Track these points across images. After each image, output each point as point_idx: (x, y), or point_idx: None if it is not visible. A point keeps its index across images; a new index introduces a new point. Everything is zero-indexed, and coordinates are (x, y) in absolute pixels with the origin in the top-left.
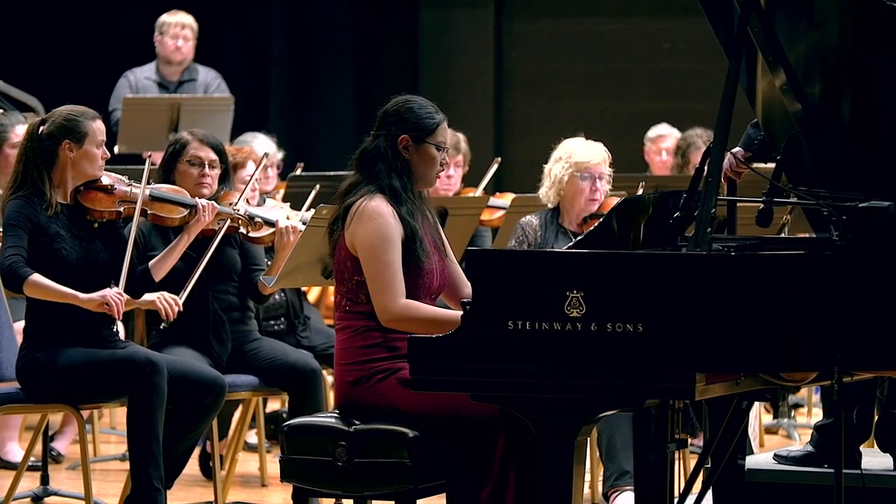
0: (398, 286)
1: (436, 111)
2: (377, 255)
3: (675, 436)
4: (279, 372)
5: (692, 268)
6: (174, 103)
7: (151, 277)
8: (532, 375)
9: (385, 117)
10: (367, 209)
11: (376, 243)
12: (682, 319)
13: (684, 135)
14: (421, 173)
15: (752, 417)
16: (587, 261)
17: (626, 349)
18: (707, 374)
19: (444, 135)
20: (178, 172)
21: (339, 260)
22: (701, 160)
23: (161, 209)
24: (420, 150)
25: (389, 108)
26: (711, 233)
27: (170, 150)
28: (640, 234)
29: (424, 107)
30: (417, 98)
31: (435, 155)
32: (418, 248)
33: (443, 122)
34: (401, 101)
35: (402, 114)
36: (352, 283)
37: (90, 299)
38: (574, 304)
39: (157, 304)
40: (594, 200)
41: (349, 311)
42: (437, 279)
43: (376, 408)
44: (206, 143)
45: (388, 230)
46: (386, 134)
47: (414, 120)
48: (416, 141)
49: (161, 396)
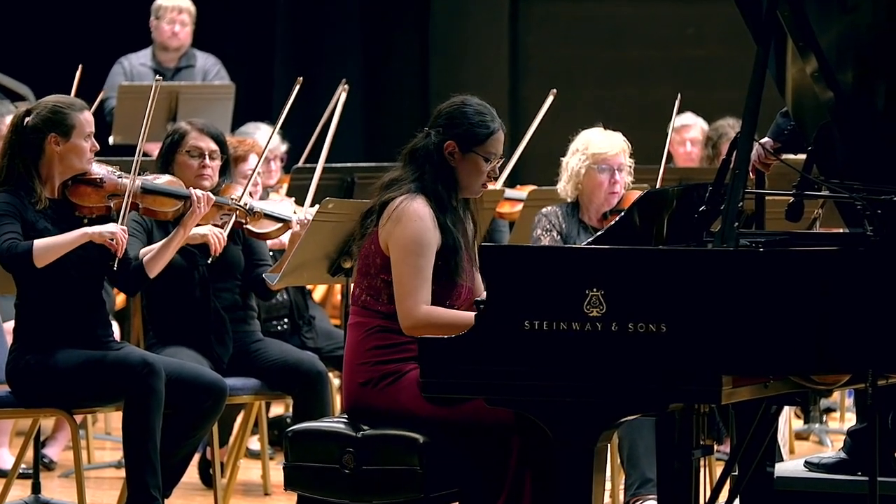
0: (424, 293)
1: (491, 119)
2: (409, 259)
3: (700, 442)
4: (283, 374)
5: (718, 265)
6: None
7: (145, 273)
8: (549, 378)
9: (438, 117)
10: (408, 210)
11: (411, 247)
12: (707, 319)
13: (714, 125)
14: (465, 183)
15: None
16: (607, 257)
17: (649, 350)
18: (734, 377)
19: (497, 146)
20: (176, 164)
21: (368, 254)
22: (727, 151)
23: (153, 202)
24: (466, 158)
25: (444, 107)
26: (738, 228)
27: (167, 140)
28: (664, 229)
29: (480, 113)
30: (474, 101)
31: (482, 166)
32: (456, 263)
33: (497, 133)
34: (457, 102)
35: (454, 117)
36: (377, 281)
37: (98, 232)
38: (594, 302)
39: (210, 237)
40: (614, 193)
41: (367, 307)
42: (464, 294)
43: (386, 412)
44: (206, 132)
45: (426, 235)
46: (436, 134)
47: (464, 126)
48: (462, 149)
49: (158, 400)
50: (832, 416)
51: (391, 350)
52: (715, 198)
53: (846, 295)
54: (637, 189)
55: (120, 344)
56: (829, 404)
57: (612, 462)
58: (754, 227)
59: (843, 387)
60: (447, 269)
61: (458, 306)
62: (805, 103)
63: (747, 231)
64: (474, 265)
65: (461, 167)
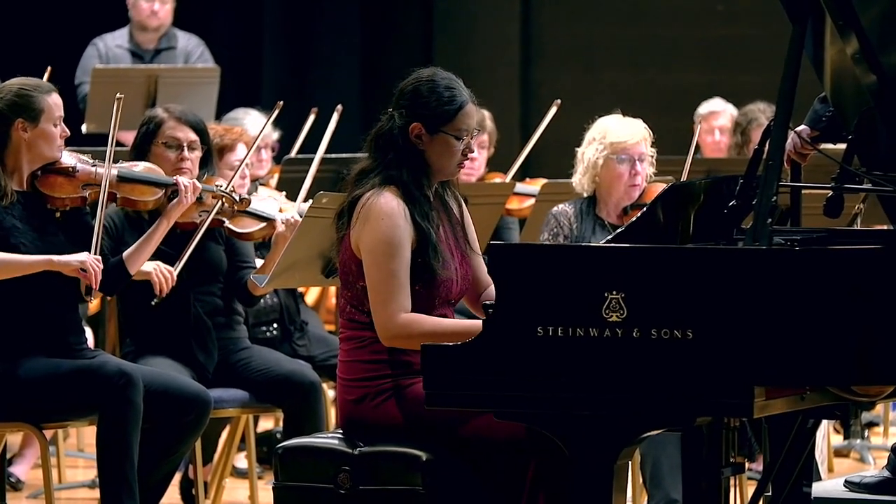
0: (400, 300)
1: (458, 93)
2: (380, 263)
3: (730, 459)
4: (272, 385)
5: (750, 265)
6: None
7: (126, 270)
8: (565, 389)
9: (400, 97)
10: (375, 207)
11: (381, 249)
12: (738, 324)
13: (744, 110)
14: (438, 165)
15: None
16: (628, 257)
17: (674, 359)
18: (767, 388)
19: (468, 121)
20: (152, 156)
21: (344, 261)
22: (760, 140)
23: (132, 191)
24: (435, 140)
25: (405, 85)
26: (772, 224)
27: (142, 129)
28: (690, 225)
29: (444, 87)
30: (439, 75)
31: (453, 146)
32: (431, 258)
33: (465, 107)
34: (419, 79)
35: (416, 96)
36: (357, 289)
37: (66, 262)
38: (613, 306)
39: (154, 275)
40: (635, 186)
41: (354, 319)
42: (456, 285)
43: (385, 427)
44: (184, 121)
45: (396, 234)
46: (399, 116)
47: (429, 105)
48: (429, 129)
49: (136, 414)
50: (875, 431)
51: (385, 364)
52: (746, 191)
53: (890, 298)
54: (660, 182)
55: (94, 352)
56: (871, 418)
57: (634, 481)
58: (789, 223)
59: (886, 399)
60: (423, 265)
61: (454, 301)
62: (845, 87)
63: (782, 228)
64: (467, 252)
65: (431, 150)
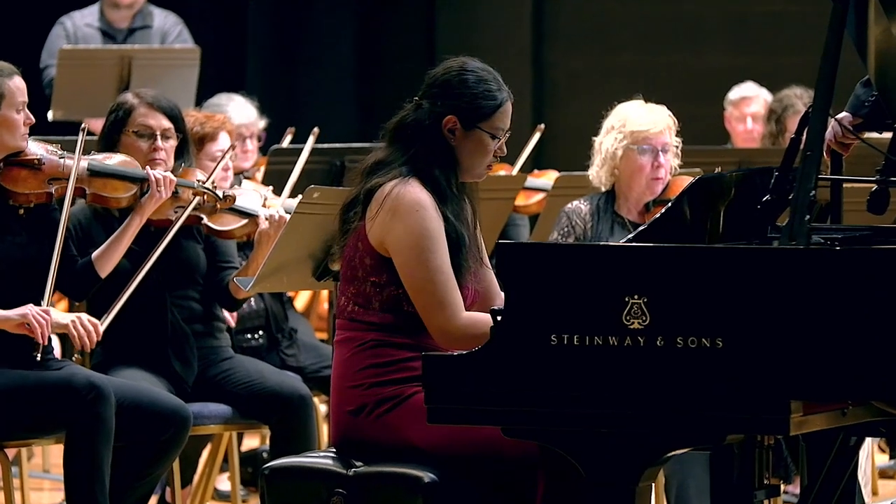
0: (456, 298)
1: (498, 87)
2: (424, 261)
3: (764, 481)
4: (258, 399)
5: (786, 266)
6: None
7: (95, 272)
8: (581, 403)
9: (432, 86)
10: (406, 198)
11: (422, 244)
12: (772, 332)
13: (779, 95)
14: (467, 164)
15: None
16: (651, 257)
17: (702, 370)
18: (805, 402)
19: (505, 120)
20: (122, 146)
21: (353, 254)
22: (797, 128)
23: (104, 187)
24: (469, 136)
25: (438, 73)
26: (811, 221)
27: (111, 117)
28: (719, 223)
29: (483, 80)
30: (477, 66)
31: (488, 145)
32: (462, 261)
33: (505, 104)
34: (454, 67)
35: (453, 86)
36: (366, 286)
37: (5, 318)
38: (635, 312)
39: (71, 328)
40: (657, 180)
41: (357, 319)
42: (469, 297)
43: (383, 444)
44: (157, 107)
45: (433, 225)
46: (430, 107)
47: (467, 97)
48: (465, 124)
49: (107, 431)
50: None
51: (388, 369)
52: (782, 185)
53: None
54: (686, 174)
55: (60, 363)
56: None
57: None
58: (829, 220)
59: None
60: (456, 268)
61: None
62: (890, 71)
63: (821, 225)
64: (480, 260)
65: (463, 146)
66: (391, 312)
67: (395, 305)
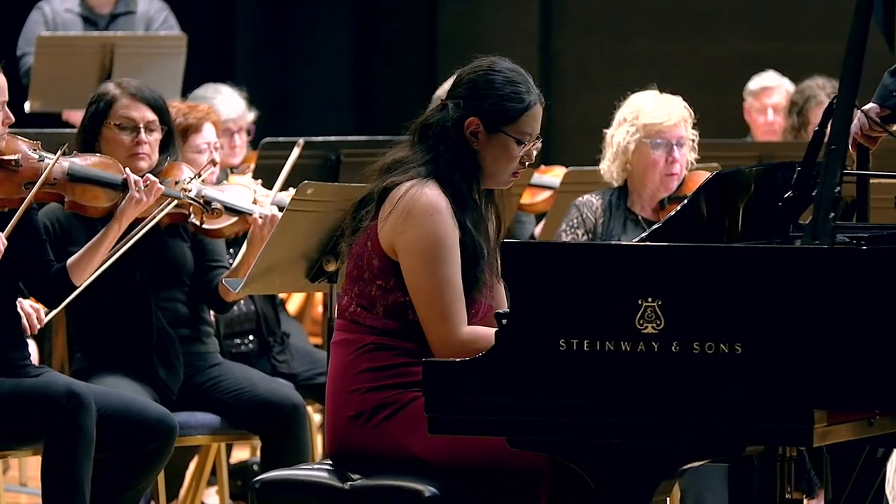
0: (460, 311)
1: (527, 89)
2: (433, 269)
3: (785, 495)
4: (248, 408)
5: (809, 266)
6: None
7: (69, 280)
8: (592, 413)
9: (457, 85)
10: (421, 201)
11: (433, 251)
12: (795, 337)
13: (801, 86)
14: (491, 170)
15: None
16: (666, 257)
17: (720, 377)
18: (829, 412)
19: (534, 124)
20: (103, 140)
21: (361, 253)
22: (821, 120)
23: (83, 194)
24: (493, 140)
25: (466, 72)
26: (835, 219)
27: (91, 109)
28: (739, 221)
29: (512, 81)
30: (506, 66)
31: (513, 151)
32: (479, 273)
33: (534, 107)
34: (482, 66)
35: (478, 86)
36: (372, 288)
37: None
38: (649, 316)
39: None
40: (672, 176)
41: (358, 321)
42: (483, 311)
43: (381, 455)
44: (140, 97)
45: (447, 233)
46: (454, 108)
47: (491, 98)
48: (488, 128)
49: (87, 441)
50: None
51: (388, 373)
52: (804, 181)
53: None
54: (703, 169)
55: (39, 369)
56: None
57: None
58: (855, 218)
59: None
60: (467, 280)
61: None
62: None
63: (846, 224)
64: (496, 275)
65: (486, 151)
66: (395, 319)
67: (399, 312)
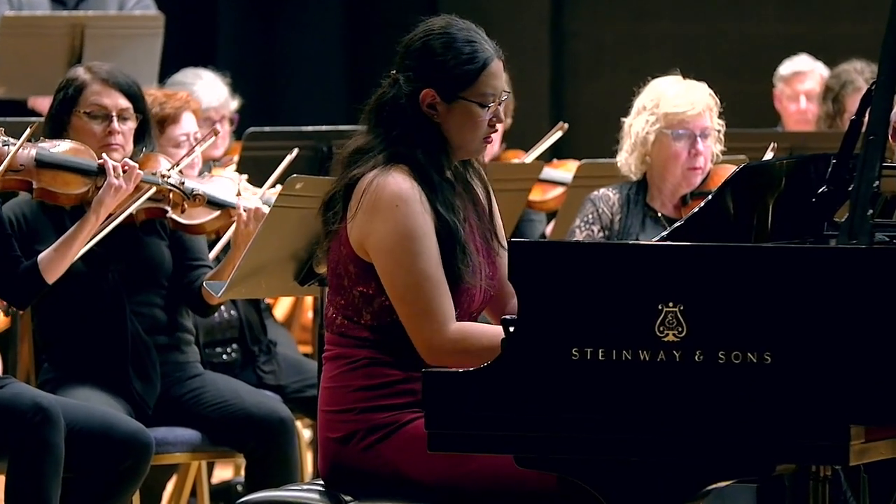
0: (444, 307)
1: (479, 47)
2: (407, 265)
3: None
4: (231, 423)
5: (845, 268)
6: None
7: (41, 278)
8: (608, 429)
9: (406, 55)
10: (384, 192)
11: (403, 245)
12: (829, 345)
13: (836, 70)
14: (458, 141)
15: None
16: (689, 258)
17: (747, 389)
18: (867, 428)
19: (494, 81)
20: (72, 129)
21: (337, 260)
22: (858, 109)
23: (53, 181)
24: (453, 109)
25: (412, 40)
26: (874, 216)
27: (59, 95)
28: (768, 218)
29: (462, 42)
30: (455, 26)
31: (477, 115)
32: (459, 260)
33: (490, 64)
34: (429, 32)
35: (427, 54)
36: (353, 296)
37: None
38: (670, 322)
39: None
40: (696, 170)
41: (346, 334)
42: (480, 294)
43: (377, 476)
44: (112, 83)
45: (417, 222)
46: (405, 81)
47: (444, 65)
48: (445, 96)
49: (55, 459)
50: None
51: (383, 392)
52: (840, 174)
53: None
54: (729, 162)
55: (2, 380)
56: None
57: None
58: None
59: None
60: (451, 269)
61: (475, 314)
62: None
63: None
64: (496, 251)
65: (449, 122)
66: (383, 326)
67: (387, 317)
